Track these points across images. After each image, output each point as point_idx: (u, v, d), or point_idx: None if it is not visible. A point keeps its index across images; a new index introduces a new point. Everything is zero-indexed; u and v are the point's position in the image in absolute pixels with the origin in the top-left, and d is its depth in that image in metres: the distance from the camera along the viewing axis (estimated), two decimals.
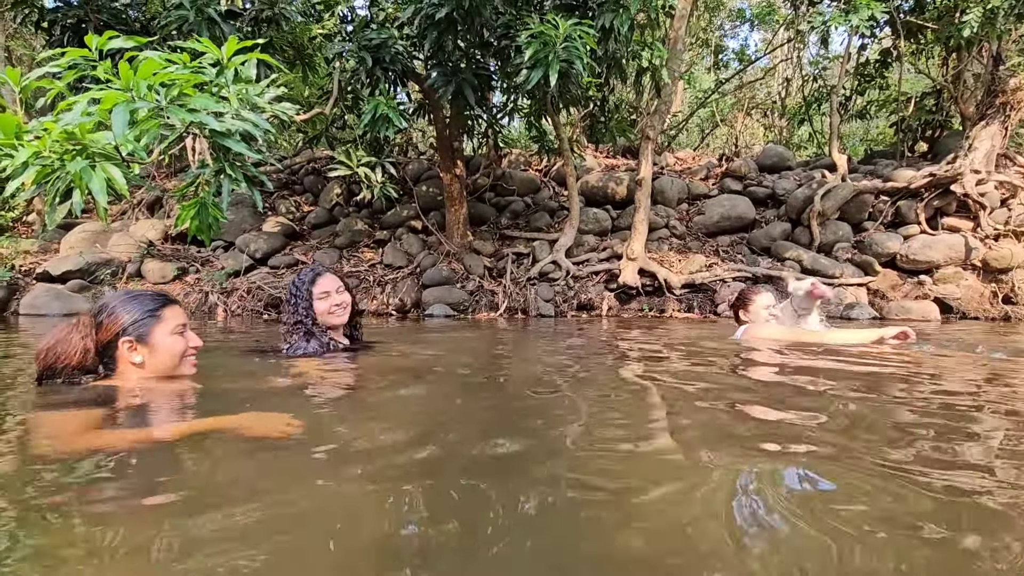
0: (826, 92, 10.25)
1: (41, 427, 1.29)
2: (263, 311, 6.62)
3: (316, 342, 2.28)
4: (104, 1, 5.88)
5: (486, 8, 4.99)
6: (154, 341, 1.58)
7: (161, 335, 1.59)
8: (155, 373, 1.59)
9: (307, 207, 8.89)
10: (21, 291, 6.92)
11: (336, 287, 2.36)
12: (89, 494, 0.89)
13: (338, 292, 2.37)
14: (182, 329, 1.65)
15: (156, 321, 1.59)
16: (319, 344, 2.29)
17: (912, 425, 1.33)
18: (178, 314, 1.65)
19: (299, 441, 1.16)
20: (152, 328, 1.58)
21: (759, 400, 1.62)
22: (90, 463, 1.01)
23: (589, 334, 4.15)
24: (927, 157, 8.64)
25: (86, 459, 1.03)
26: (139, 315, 1.57)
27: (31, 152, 1.49)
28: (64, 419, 1.30)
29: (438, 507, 0.86)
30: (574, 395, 1.76)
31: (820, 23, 6.70)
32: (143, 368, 1.57)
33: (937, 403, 1.55)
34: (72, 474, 0.97)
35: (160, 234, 8.08)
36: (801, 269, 6.51)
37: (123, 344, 1.55)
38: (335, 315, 2.34)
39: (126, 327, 1.55)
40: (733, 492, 0.90)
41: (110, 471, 0.99)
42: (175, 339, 1.62)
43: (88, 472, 0.98)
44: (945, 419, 1.38)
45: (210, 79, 1.99)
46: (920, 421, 1.37)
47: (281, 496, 0.89)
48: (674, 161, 9.99)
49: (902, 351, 2.55)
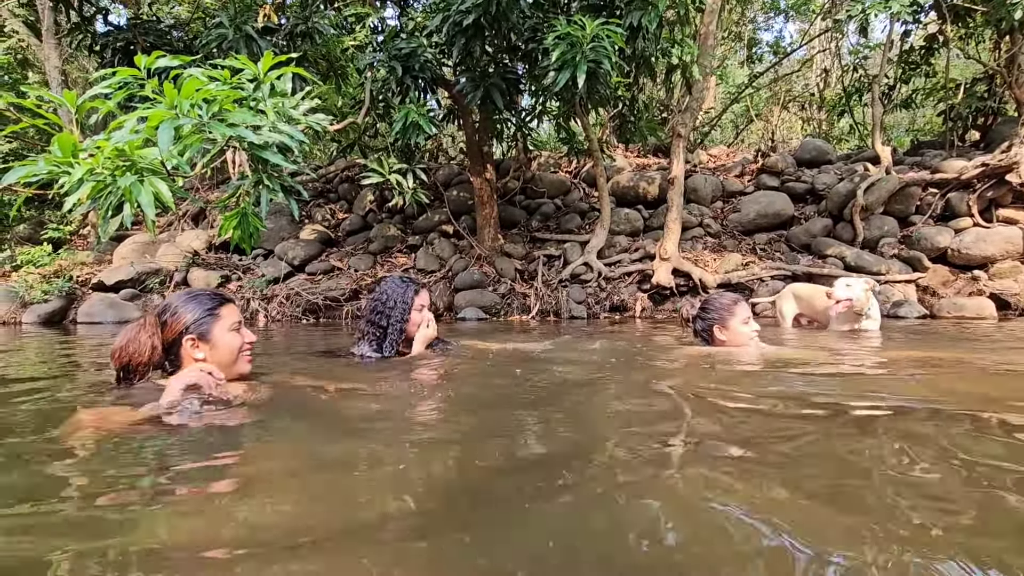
0: (867, 82, 9.85)
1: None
2: (301, 316, 6.81)
3: (390, 349, 2.40)
4: (150, 24, 6.19)
5: (513, 12, 5.02)
6: (214, 338, 1.66)
7: (220, 332, 1.67)
8: (215, 367, 1.67)
9: (342, 214, 9.11)
10: (78, 300, 7.32)
11: (429, 303, 2.51)
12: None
13: (427, 308, 2.50)
14: (238, 326, 1.73)
15: (215, 319, 1.67)
16: (390, 351, 2.40)
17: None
18: (234, 312, 1.74)
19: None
20: (212, 326, 1.66)
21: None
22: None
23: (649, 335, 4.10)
24: (979, 146, 8.20)
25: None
26: (200, 314, 1.66)
27: (86, 169, 1.58)
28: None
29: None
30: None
31: (859, 11, 6.44)
32: (204, 363, 1.64)
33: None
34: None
35: (204, 244, 8.41)
36: (844, 266, 6.27)
37: (187, 341, 1.63)
38: (427, 330, 2.45)
39: (188, 325, 1.64)
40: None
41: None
42: (233, 335, 1.70)
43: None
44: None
45: (248, 94, 2.07)
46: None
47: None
48: (707, 158, 9.79)
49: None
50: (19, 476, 1.05)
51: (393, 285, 2.45)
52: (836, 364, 2.29)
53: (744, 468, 1.02)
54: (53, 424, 1.36)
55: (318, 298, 6.89)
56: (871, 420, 1.39)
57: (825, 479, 0.99)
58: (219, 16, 5.44)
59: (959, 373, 2.09)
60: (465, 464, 1.11)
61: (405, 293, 2.43)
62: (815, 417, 1.41)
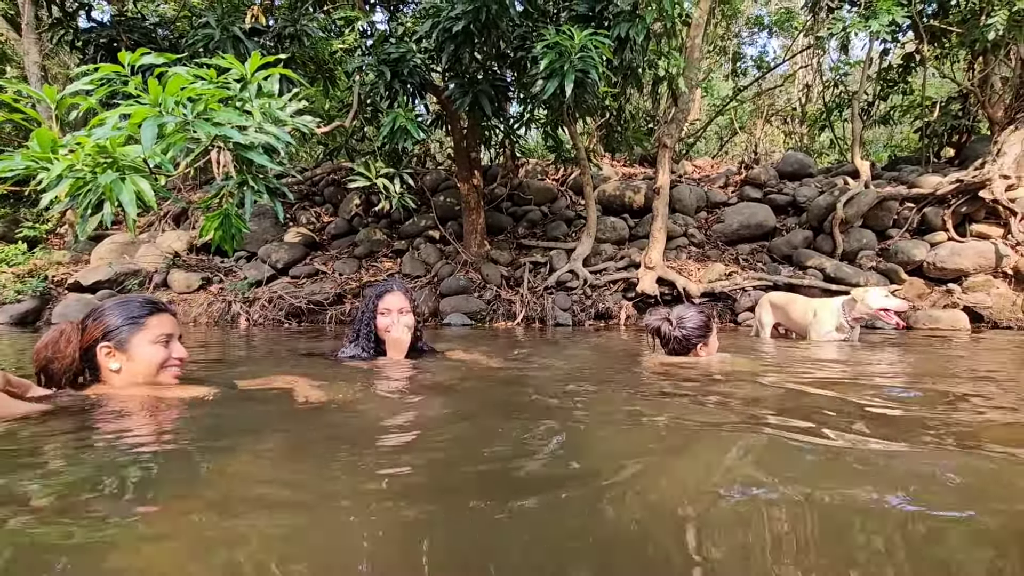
0: (847, 98, 10.09)
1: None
2: (284, 320, 6.72)
3: (359, 349, 2.43)
4: (135, 21, 6.12)
5: (502, 21, 5.06)
6: (132, 348, 1.54)
7: (140, 343, 1.55)
8: (131, 381, 1.55)
9: (327, 218, 9.04)
10: (53, 301, 7.15)
11: (399, 307, 2.42)
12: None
13: (400, 313, 2.42)
14: (166, 339, 1.60)
15: (137, 328, 1.55)
16: (364, 352, 2.42)
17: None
18: (165, 323, 1.61)
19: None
20: (132, 335, 1.54)
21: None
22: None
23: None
24: (954, 163, 8.44)
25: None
26: (121, 321, 1.54)
27: (65, 165, 1.55)
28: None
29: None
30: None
31: (839, 29, 6.61)
32: (120, 375, 1.54)
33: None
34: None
35: (185, 245, 8.28)
36: (824, 277, 6.39)
37: (101, 349, 1.53)
38: (392, 333, 2.39)
39: (106, 332, 1.53)
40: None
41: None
42: (156, 348, 1.57)
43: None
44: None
45: (234, 94, 2.05)
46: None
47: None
48: (692, 169, 9.93)
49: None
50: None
51: (370, 288, 2.52)
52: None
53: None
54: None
55: (301, 302, 6.82)
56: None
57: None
58: (206, 16, 5.39)
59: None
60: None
61: (371, 295, 2.46)
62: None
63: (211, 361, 3.01)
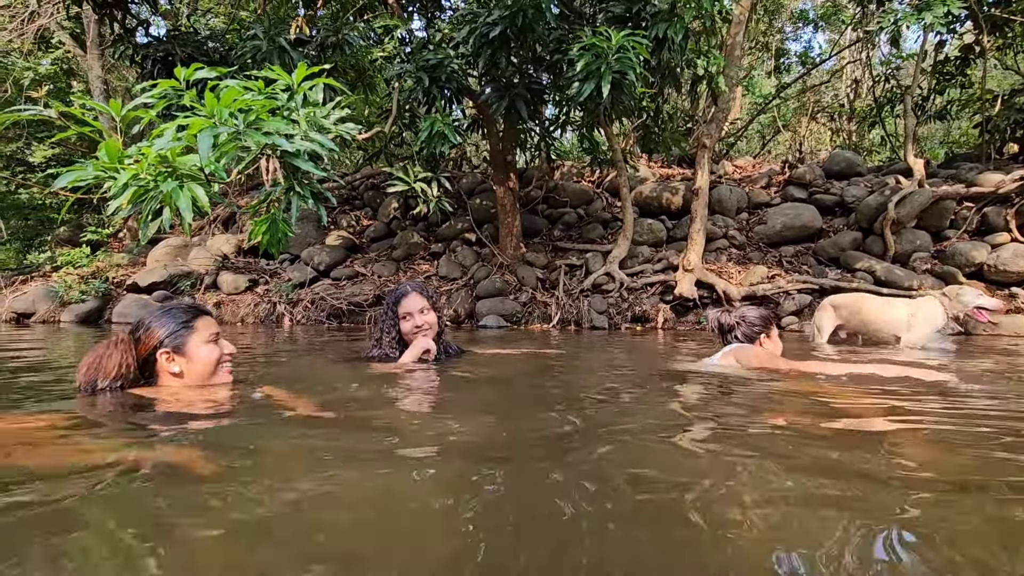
0: (900, 93, 9.65)
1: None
2: (325, 320, 6.93)
3: (385, 348, 2.46)
4: (188, 35, 6.43)
5: (539, 24, 5.07)
6: (189, 351, 1.66)
7: (196, 345, 1.67)
8: (193, 382, 1.67)
9: (366, 221, 9.26)
10: (113, 301, 7.58)
11: (419, 308, 2.43)
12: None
13: (422, 313, 2.43)
14: (215, 338, 1.72)
15: (190, 332, 1.67)
16: (392, 352, 2.44)
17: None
18: (210, 324, 1.73)
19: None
20: (187, 339, 1.66)
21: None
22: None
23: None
24: (1018, 159, 7.94)
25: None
26: (174, 327, 1.66)
27: (130, 174, 1.66)
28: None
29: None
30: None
31: (890, 23, 6.33)
32: (182, 377, 1.65)
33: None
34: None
35: (234, 248, 8.63)
36: (874, 280, 6.12)
37: (161, 356, 1.63)
38: (419, 334, 2.43)
39: (162, 340, 1.64)
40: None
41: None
42: (210, 347, 1.69)
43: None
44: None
45: (282, 104, 2.14)
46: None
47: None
48: (733, 169, 9.69)
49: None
50: None
51: (388, 293, 2.55)
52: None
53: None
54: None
55: (342, 303, 7.01)
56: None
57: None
58: (254, 28, 5.62)
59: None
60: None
61: (389, 300, 2.49)
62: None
63: (267, 362, 3.12)
